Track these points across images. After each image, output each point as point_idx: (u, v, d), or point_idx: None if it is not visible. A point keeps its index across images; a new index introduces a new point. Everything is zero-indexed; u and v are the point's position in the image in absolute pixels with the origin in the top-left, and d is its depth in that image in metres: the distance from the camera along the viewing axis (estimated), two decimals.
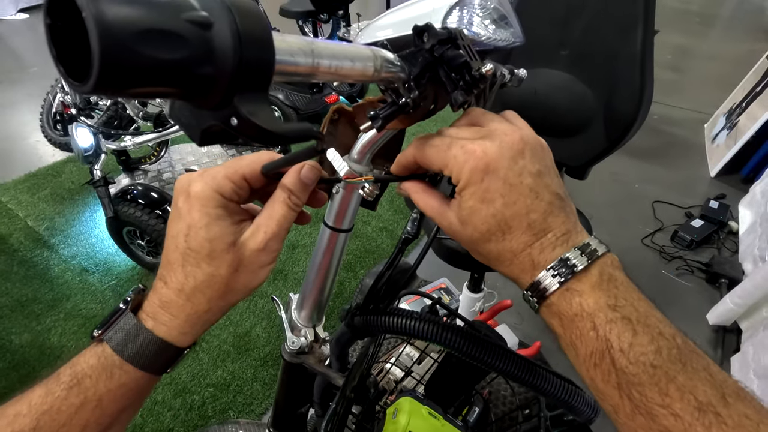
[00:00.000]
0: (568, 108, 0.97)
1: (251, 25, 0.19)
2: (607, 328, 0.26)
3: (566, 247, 0.28)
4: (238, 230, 0.31)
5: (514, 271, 0.30)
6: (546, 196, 0.29)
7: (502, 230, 0.29)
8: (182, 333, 0.31)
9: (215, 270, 0.29)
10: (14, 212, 2.16)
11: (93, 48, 0.14)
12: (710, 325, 1.65)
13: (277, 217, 0.31)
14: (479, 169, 0.28)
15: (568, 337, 0.28)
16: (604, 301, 0.27)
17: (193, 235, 0.29)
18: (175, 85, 0.17)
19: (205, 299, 0.30)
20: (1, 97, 3.20)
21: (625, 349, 0.25)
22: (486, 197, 0.28)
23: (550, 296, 0.28)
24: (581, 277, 0.28)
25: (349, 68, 0.27)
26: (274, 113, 0.21)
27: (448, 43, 0.33)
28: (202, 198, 0.29)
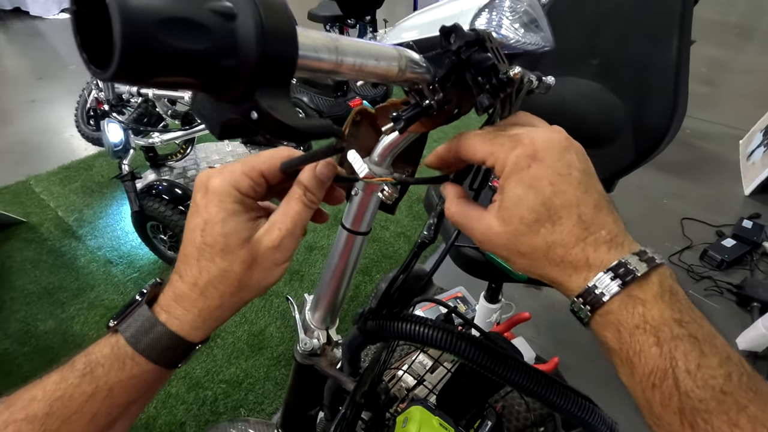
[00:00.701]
0: (596, 118, 0.95)
1: (276, 19, 0.18)
2: (672, 345, 0.24)
3: (622, 250, 0.26)
4: (254, 227, 0.30)
5: (563, 272, 0.27)
6: (594, 194, 0.27)
7: (551, 220, 0.26)
8: (194, 327, 0.30)
9: (229, 265, 0.29)
10: (46, 202, 2.25)
11: (115, 35, 0.14)
12: (740, 350, 1.57)
13: (292, 215, 0.31)
14: (527, 154, 0.27)
15: (624, 352, 0.25)
16: (668, 314, 0.24)
17: (209, 229, 0.29)
18: (197, 75, 0.17)
19: (218, 294, 0.30)
20: (42, 93, 3.34)
21: (692, 371, 0.23)
22: (534, 184, 0.27)
23: (608, 303, 0.25)
24: (643, 285, 0.25)
25: (373, 67, 0.27)
26: (294, 109, 0.20)
27: (475, 45, 0.32)
28: (219, 193, 0.29)
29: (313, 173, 0.32)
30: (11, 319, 1.68)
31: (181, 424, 1.38)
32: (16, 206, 2.20)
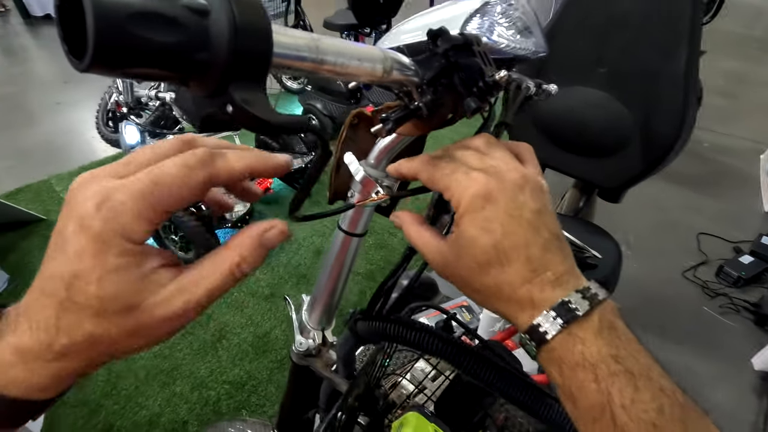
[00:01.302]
0: (603, 127, 0.94)
1: (249, 16, 0.19)
2: (609, 381, 0.25)
3: (566, 288, 0.27)
4: (147, 287, 0.22)
5: (511, 309, 0.29)
6: (544, 233, 0.28)
7: (500, 262, 0.28)
8: (42, 390, 0.23)
9: (104, 331, 0.21)
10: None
11: (88, 27, 0.15)
12: (755, 370, 1.52)
13: (210, 287, 0.23)
14: (480, 195, 0.28)
15: (567, 387, 0.27)
16: (606, 350, 0.26)
17: (78, 286, 0.21)
18: (170, 68, 0.18)
19: (83, 358, 0.22)
20: (67, 96, 3.47)
21: (626, 406, 0.24)
22: (486, 226, 0.28)
23: (551, 341, 0.27)
24: (583, 323, 0.26)
25: (355, 67, 0.28)
26: (269, 103, 0.21)
27: (463, 48, 0.33)
28: (96, 242, 0.21)
29: (258, 242, 0.24)
30: None
31: (184, 422, 1.39)
32: (37, 204, 2.28)
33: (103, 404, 1.43)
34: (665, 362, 1.03)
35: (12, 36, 4.84)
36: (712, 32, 4.60)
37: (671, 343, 1.66)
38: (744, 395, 1.49)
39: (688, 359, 1.60)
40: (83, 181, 0.22)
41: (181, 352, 1.59)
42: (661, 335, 1.68)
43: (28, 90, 3.59)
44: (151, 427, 1.38)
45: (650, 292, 1.87)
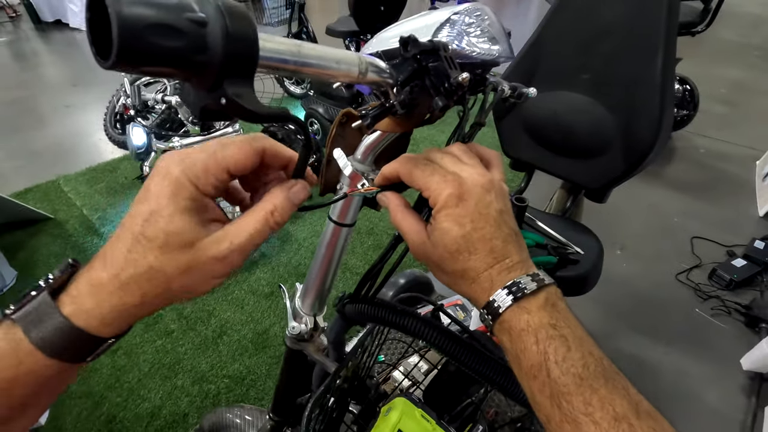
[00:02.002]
0: (587, 131, 0.98)
1: (239, 26, 0.24)
2: (546, 343, 0.30)
3: (519, 272, 0.33)
4: (202, 231, 0.27)
5: (475, 290, 0.34)
6: (505, 229, 0.34)
7: (469, 250, 0.33)
8: (104, 323, 0.27)
9: (161, 266, 0.26)
10: (73, 201, 2.38)
11: (114, 35, 0.20)
12: (744, 371, 1.54)
13: (251, 231, 0.28)
14: (455, 195, 0.33)
15: (514, 350, 0.31)
16: (546, 320, 0.31)
17: (152, 221, 0.26)
18: (175, 67, 0.23)
19: (140, 293, 0.26)
20: (76, 98, 3.55)
21: (558, 362, 0.29)
22: (459, 221, 0.33)
23: (503, 313, 0.32)
24: (530, 299, 0.32)
25: (334, 69, 0.32)
26: (256, 96, 0.26)
27: (431, 53, 0.38)
28: (176, 184, 0.26)
29: (287, 194, 0.30)
30: None
31: (185, 415, 1.43)
32: (45, 203, 2.34)
33: (106, 396, 1.48)
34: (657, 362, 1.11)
35: (23, 41, 4.95)
36: (711, 41, 4.65)
37: (663, 344, 1.68)
38: (733, 395, 1.51)
39: (680, 360, 1.63)
40: (169, 153, 0.28)
41: (182, 347, 1.63)
42: (654, 336, 1.71)
43: (38, 93, 3.68)
44: (152, 419, 1.42)
45: (644, 294, 1.90)
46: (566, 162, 1.05)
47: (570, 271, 0.87)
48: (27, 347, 0.26)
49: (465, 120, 0.50)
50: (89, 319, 0.26)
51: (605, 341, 1.70)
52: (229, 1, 0.24)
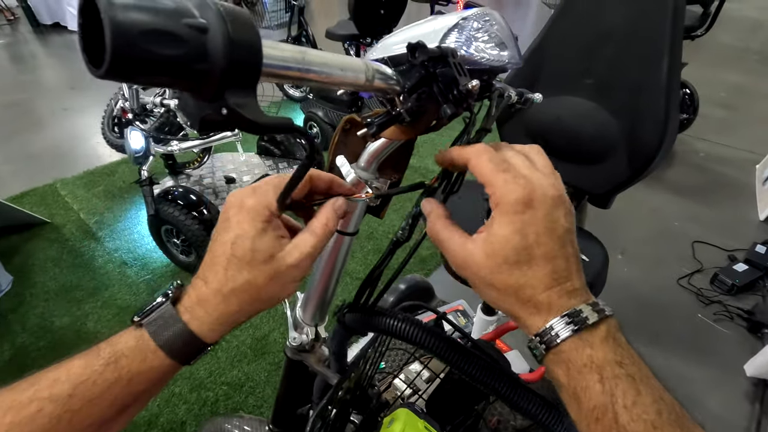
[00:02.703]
0: (591, 136, 0.97)
1: (242, 33, 0.22)
2: (613, 383, 0.27)
3: (580, 300, 0.30)
4: (278, 245, 0.34)
5: (526, 311, 0.31)
6: (569, 249, 0.31)
7: (529, 264, 0.30)
8: (211, 329, 0.33)
9: (253, 278, 0.32)
10: (70, 205, 2.36)
11: (106, 41, 0.18)
12: (748, 377, 1.53)
13: (313, 241, 0.35)
14: (523, 201, 0.30)
15: (572, 387, 0.29)
16: (611, 356, 0.28)
17: (240, 243, 0.32)
18: (174, 76, 0.21)
19: (238, 302, 0.33)
20: (74, 102, 3.53)
21: (628, 406, 0.26)
22: (523, 229, 0.30)
23: (561, 344, 0.29)
24: (592, 331, 0.29)
25: (339, 76, 0.31)
26: (259, 106, 0.24)
27: (439, 60, 0.36)
28: (252, 212, 0.33)
29: (333, 207, 0.37)
30: (30, 314, 1.76)
31: (182, 423, 1.41)
32: (42, 207, 2.32)
33: None
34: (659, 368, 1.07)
35: (21, 44, 4.93)
36: (711, 46, 4.66)
37: (665, 349, 1.67)
38: (737, 401, 1.50)
39: (683, 366, 1.61)
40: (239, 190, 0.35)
41: None
42: (656, 342, 1.70)
43: (36, 96, 3.66)
44: (149, 427, 1.40)
45: (645, 298, 1.89)
46: (569, 167, 1.04)
47: None
48: (152, 347, 0.32)
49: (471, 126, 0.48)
50: (201, 325, 0.33)
51: None
52: (231, 6, 0.23)
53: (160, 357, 0.32)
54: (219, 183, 2.15)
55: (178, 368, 0.34)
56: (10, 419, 0.29)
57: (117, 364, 0.32)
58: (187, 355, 0.34)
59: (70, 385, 0.31)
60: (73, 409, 0.30)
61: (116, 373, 0.31)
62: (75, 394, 0.30)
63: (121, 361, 0.32)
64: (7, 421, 0.29)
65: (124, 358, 0.32)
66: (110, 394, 0.31)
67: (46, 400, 0.30)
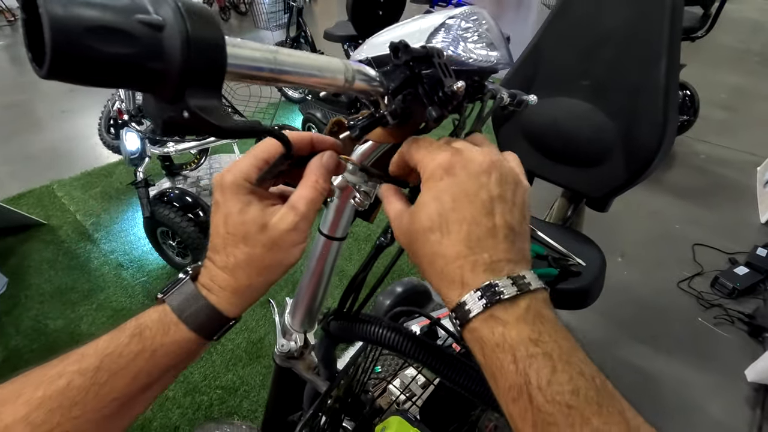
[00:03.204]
0: (588, 138, 0.96)
1: (202, 31, 0.21)
2: (527, 363, 0.25)
3: (497, 273, 0.28)
4: (269, 213, 0.33)
5: (444, 284, 0.29)
6: (496, 219, 0.29)
7: (441, 231, 0.29)
8: (230, 303, 0.34)
9: (251, 250, 0.33)
10: (66, 206, 2.35)
11: (46, 39, 0.17)
12: (749, 382, 1.51)
13: (306, 200, 0.34)
14: (442, 167, 0.30)
15: (488, 367, 0.27)
16: (527, 334, 0.26)
17: (230, 221, 0.33)
18: (126, 77, 0.20)
19: (246, 275, 0.33)
20: (73, 103, 3.53)
21: (543, 387, 0.25)
22: (438, 195, 0.29)
23: (472, 320, 0.27)
24: (507, 307, 0.27)
25: (316, 78, 0.29)
26: (223, 109, 0.23)
27: (423, 60, 0.35)
28: (233, 187, 0.33)
29: (321, 163, 0.36)
30: (24, 316, 1.75)
31: (176, 428, 1.39)
32: (39, 209, 2.31)
33: None
34: (659, 372, 1.06)
35: (21, 45, 4.93)
36: (711, 47, 4.65)
37: (665, 353, 1.65)
38: (737, 406, 1.48)
39: (683, 370, 1.59)
40: (216, 175, 0.35)
41: None
42: (656, 345, 1.68)
43: (35, 98, 3.66)
44: (142, 431, 1.38)
45: (645, 302, 1.87)
46: (567, 170, 1.02)
47: (572, 283, 0.84)
48: (174, 320, 0.33)
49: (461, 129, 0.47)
50: (219, 300, 0.33)
51: (605, 350, 1.67)
52: (190, 2, 0.21)
53: (182, 330, 0.33)
54: None
55: (203, 344, 0.34)
56: (41, 393, 0.29)
57: (141, 336, 0.32)
58: (209, 329, 0.34)
59: (96, 358, 0.31)
60: (99, 382, 0.30)
61: (140, 344, 0.32)
62: (101, 366, 0.31)
63: (145, 332, 0.32)
64: (38, 395, 0.29)
65: (147, 330, 0.32)
66: (135, 366, 0.32)
67: (75, 373, 0.30)
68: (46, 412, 0.29)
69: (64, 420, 0.29)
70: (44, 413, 0.29)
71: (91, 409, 0.30)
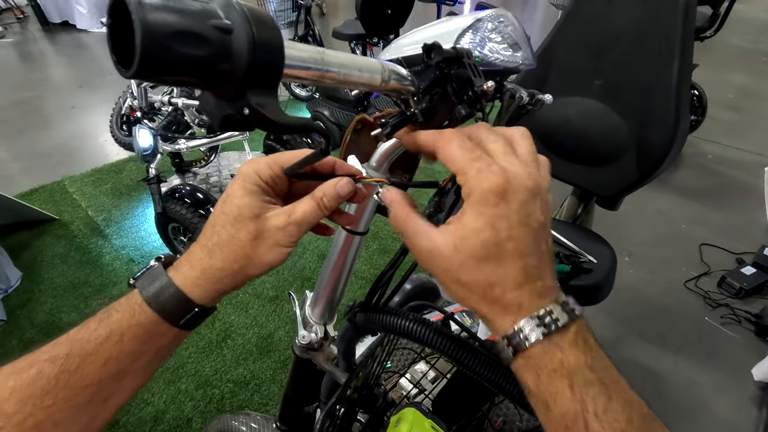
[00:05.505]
0: (600, 137, 0.97)
1: (265, 34, 0.23)
2: (584, 390, 0.26)
3: (550, 300, 0.28)
4: (266, 207, 0.34)
5: (494, 310, 0.29)
6: (543, 246, 0.29)
7: (498, 261, 0.28)
8: (196, 285, 0.34)
9: (236, 232, 0.33)
10: (78, 202, 2.38)
11: (137, 42, 0.19)
12: (755, 381, 1.52)
13: (304, 209, 0.35)
14: (497, 192, 0.27)
15: (542, 393, 0.27)
16: (583, 360, 0.26)
17: (228, 201, 0.34)
18: (198, 76, 0.22)
19: (221, 256, 0.33)
20: (82, 100, 3.56)
21: (599, 414, 0.25)
22: (494, 222, 0.27)
23: (530, 348, 0.27)
24: (562, 334, 0.27)
25: (356, 77, 0.31)
26: (279, 107, 0.25)
27: (454, 61, 0.36)
28: (243, 175, 0.35)
29: (334, 187, 0.36)
30: (38, 310, 1.78)
31: (188, 419, 1.42)
32: (51, 204, 2.34)
33: None
34: (666, 371, 1.07)
35: (30, 42, 4.98)
36: (720, 47, 4.62)
37: (672, 352, 1.66)
38: (744, 405, 1.49)
39: (689, 369, 1.60)
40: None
41: (186, 351, 1.62)
42: (662, 344, 1.69)
43: (45, 94, 3.69)
44: (155, 423, 1.41)
45: (652, 301, 1.88)
46: (578, 168, 1.04)
47: (583, 280, 0.85)
48: (139, 300, 0.33)
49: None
50: (185, 280, 0.33)
51: (612, 349, 1.68)
52: (255, 8, 0.23)
53: (146, 311, 0.32)
54: (225, 181, 2.16)
55: (171, 331, 0.34)
56: (12, 384, 0.30)
57: (109, 320, 0.32)
58: (174, 314, 0.33)
59: (67, 345, 0.31)
60: (69, 369, 0.31)
61: (108, 328, 0.32)
62: (71, 353, 0.31)
63: (113, 316, 0.32)
64: (9, 385, 0.30)
65: (115, 314, 0.32)
66: (104, 351, 0.31)
67: (45, 362, 0.31)
68: (16, 402, 0.29)
69: (36, 409, 0.29)
70: (15, 403, 0.29)
71: (63, 398, 0.30)
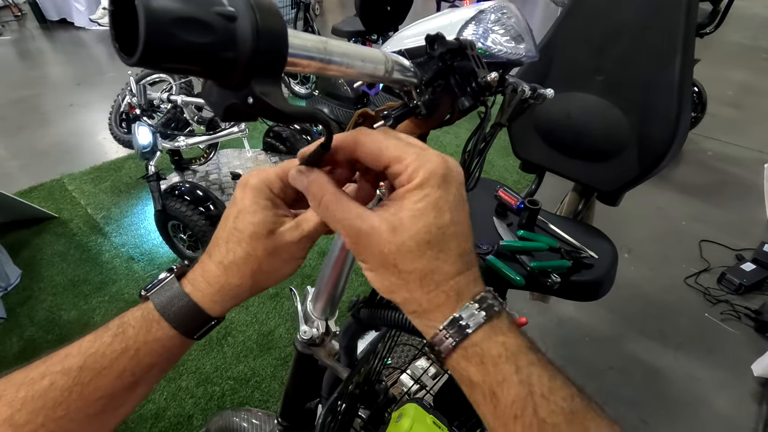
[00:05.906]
0: (601, 133, 0.97)
1: (269, 22, 0.22)
2: (528, 371, 0.24)
3: (483, 287, 0.27)
4: (279, 222, 0.34)
5: (433, 299, 0.26)
6: (471, 235, 0.28)
7: (440, 247, 0.26)
8: (213, 301, 0.34)
9: (253, 250, 0.32)
10: (77, 200, 2.37)
11: (140, 29, 0.19)
12: (755, 377, 1.52)
13: (317, 221, 0.34)
14: (439, 174, 0.26)
15: (488, 384, 0.25)
16: (522, 341, 0.25)
17: (241, 218, 0.33)
18: (202, 64, 0.21)
19: (239, 274, 0.33)
20: (80, 97, 3.55)
21: (546, 395, 0.24)
22: (439, 205, 0.26)
23: (473, 334, 0.25)
24: (501, 318, 0.26)
25: (360, 67, 0.31)
26: (284, 96, 0.24)
27: (458, 52, 0.36)
28: (254, 189, 0.33)
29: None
30: (38, 308, 1.78)
31: (189, 416, 1.42)
32: (50, 202, 2.34)
33: None
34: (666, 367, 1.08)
35: (28, 40, 4.95)
36: (720, 43, 4.62)
37: (672, 348, 1.66)
38: (744, 401, 1.49)
39: (690, 365, 1.61)
40: (244, 175, 0.35)
41: None
42: (663, 341, 1.69)
43: (43, 92, 3.68)
44: (156, 420, 1.41)
45: (652, 297, 1.88)
46: (579, 164, 1.04)
47: (584, 275, 0.85)
48: (156, 317, 0.33)
49: (486, 121, 0.48)
50: (203, 297, 0.33)
51: (613, 345, 1.69)
52: None
53: (164, 327, 0.33)
54: (225, 179, 2.16)
55: (185, 343, 0.34)
56: (23, 394, 0.29)
57: (124, 335, 0.32)
58: (191, 328, 0.34)
59: (80, 358, 0.31)
60: (83, 381, 0.30)
61: (123, 343, 0.32)
62: (85, 366, 0.31)
63: (128, 331, 0.32)
64: (20, 396, 0.29)
65: (130, 329, 0.32)
66: (118, 365, 0.31)
67: (57, 373, 0.30)
68: (29, 412, 0.29)
69: (47, 420, 0.29)
70: (27, 414, 0.29)
71: (75, 409, 0.30)
